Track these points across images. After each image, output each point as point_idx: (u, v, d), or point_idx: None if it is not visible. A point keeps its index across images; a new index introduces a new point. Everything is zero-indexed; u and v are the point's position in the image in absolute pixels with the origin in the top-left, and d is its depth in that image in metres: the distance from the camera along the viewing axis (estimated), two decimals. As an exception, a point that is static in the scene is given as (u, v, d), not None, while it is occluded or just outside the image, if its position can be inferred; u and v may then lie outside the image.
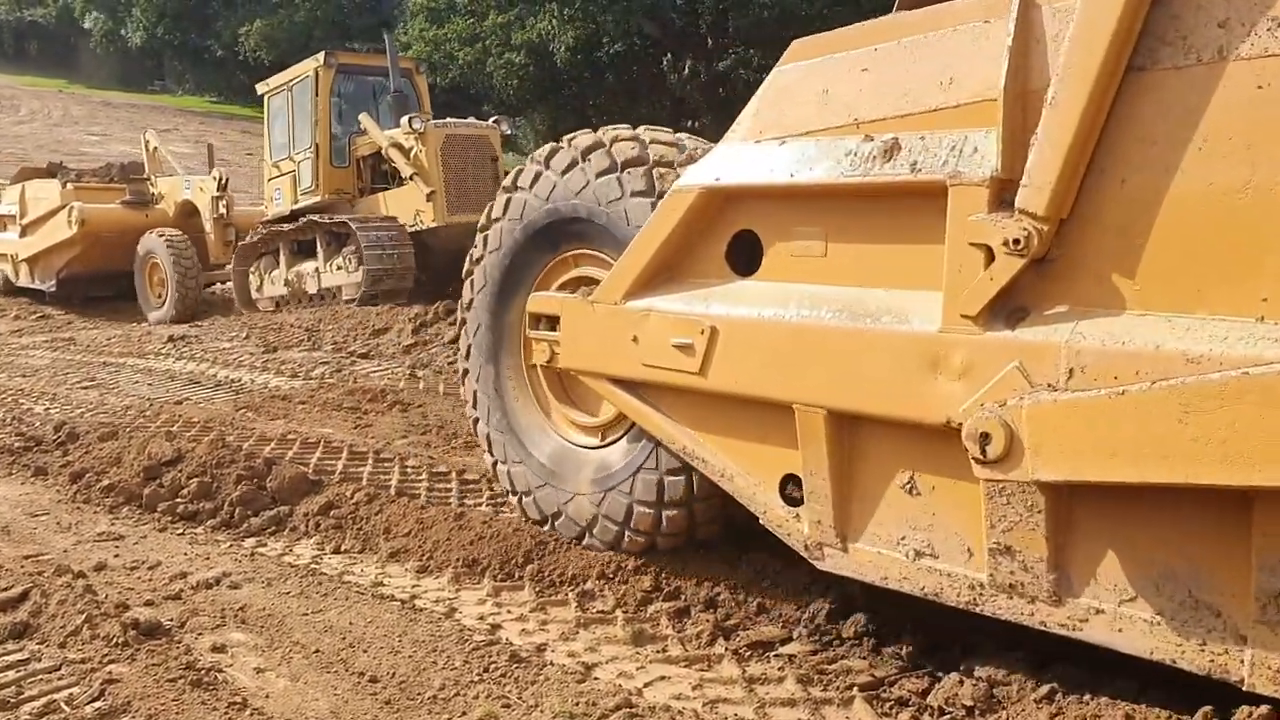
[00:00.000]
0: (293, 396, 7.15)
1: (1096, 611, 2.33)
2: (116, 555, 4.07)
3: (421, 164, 12.43)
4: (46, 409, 7.25)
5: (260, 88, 14.84)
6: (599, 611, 3.41)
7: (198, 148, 22.95)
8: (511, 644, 3.15)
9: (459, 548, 3.91)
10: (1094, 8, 2.23)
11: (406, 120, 12.49)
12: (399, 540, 4.09)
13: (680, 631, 3.24)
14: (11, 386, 8.44)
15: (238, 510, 4.53)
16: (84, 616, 3.27)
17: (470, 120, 13.87)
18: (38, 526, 4.51)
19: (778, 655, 3.05)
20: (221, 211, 15.04)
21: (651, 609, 3.39)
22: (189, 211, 15.57)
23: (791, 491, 2.98)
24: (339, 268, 12.44)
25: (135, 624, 3.21)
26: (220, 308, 14.85)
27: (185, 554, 4.11)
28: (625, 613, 3.37)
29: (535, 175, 3.89)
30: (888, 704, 2.74)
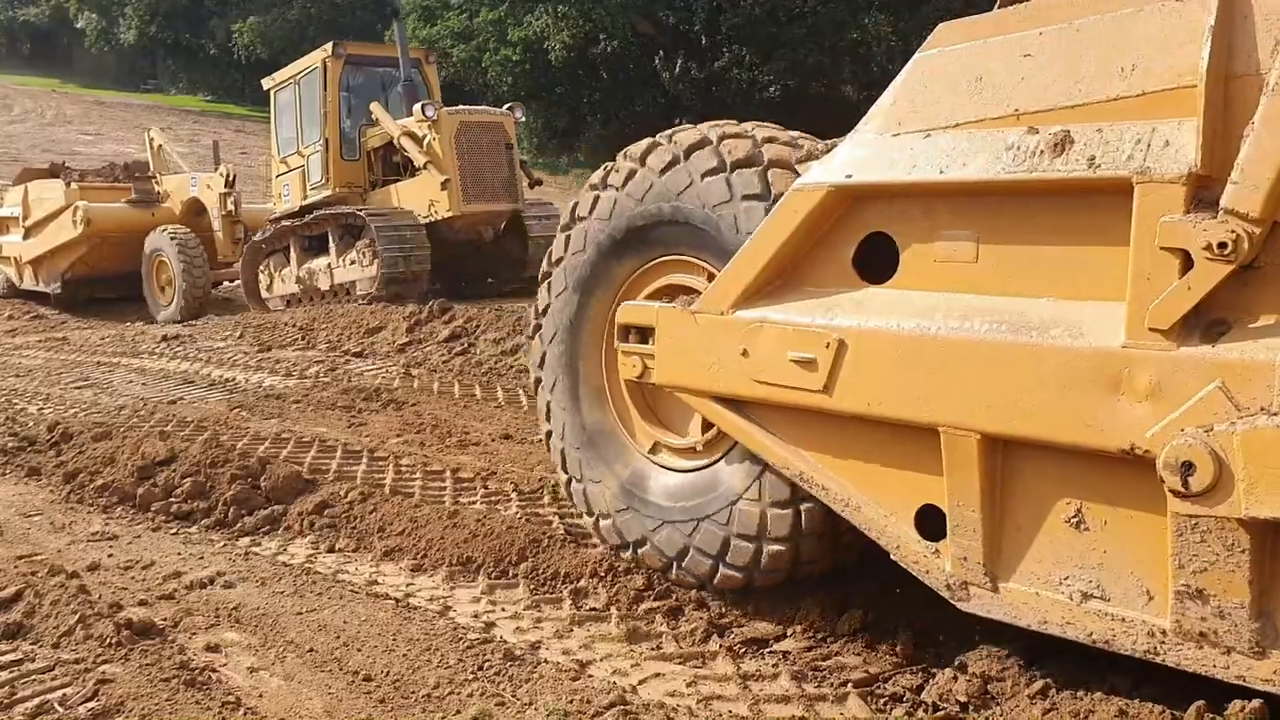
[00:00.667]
0: (287, 395, 7.14)
1: None
2: (110, 555, 4.07)
3: (435, 152, 12.17)
4: (40, 409, 7.23)
5: (266, 82, 14.55)
6: (593, 609, 3.41)
7: (192, 146, 22.93)
8: (506, 642, 3.15)
9: (453, 546, 3.91)
10: None
11: (419, 108, 12.27)
12: (393, 539, 4.09)
13: (674, 629, 3.24)
14: (5, 386, 8.42)
15: (232, 510, 4.52)
16: (77, 616, 3.27)
17: (484, 107, 13.60)
18: (31, 527, 4.50)
19: (772, 652, 3.06)
20: (230, 208, 14.78)
21: (645, 606, 3.39)
22: (196, 209, 15.33)
23: (930, 524, 2.67)
24: (352, 262, 12.19)
25: (129, 624, 3.20)
26: (215, 306, 14.78)
27: (179, 554, 4.11)
28: (619, 610, 3.37)
29: (629, 173, 3.56)
30: (882, 700, 2.74)
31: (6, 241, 16.88)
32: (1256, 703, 2.16)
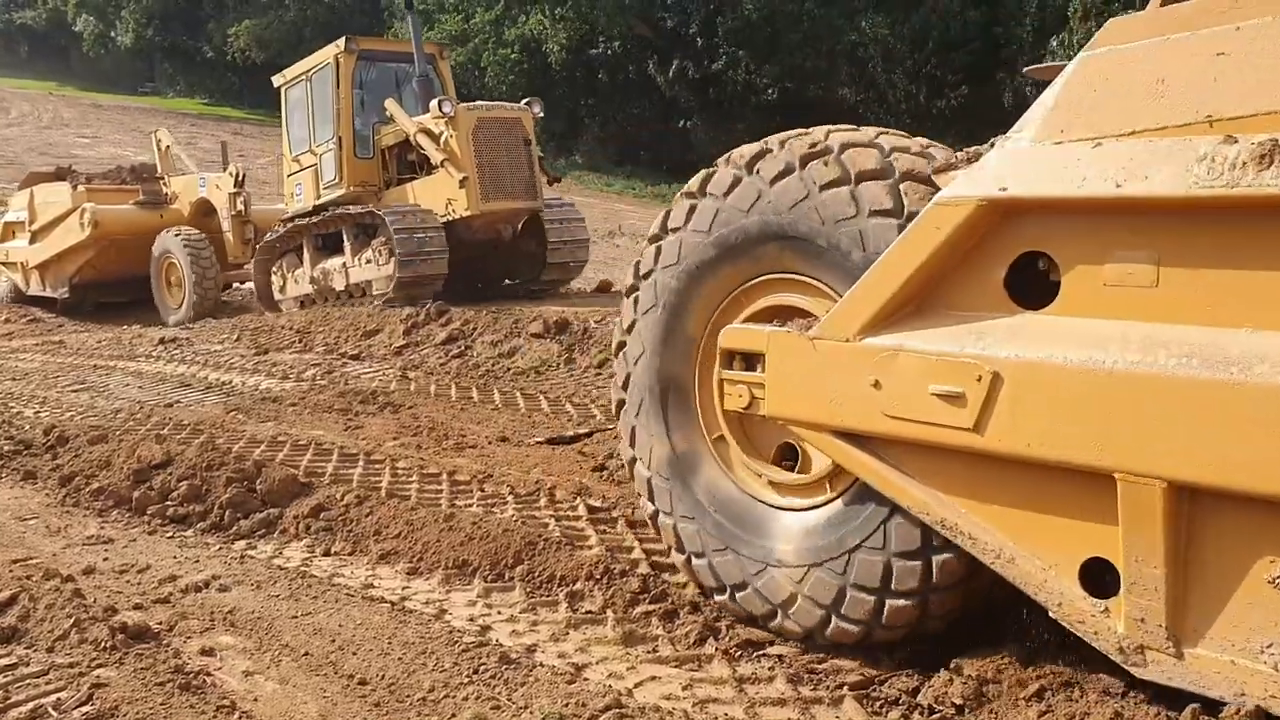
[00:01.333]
0: (283, 399, 7.14)
1: None
2: (105, 559, 4.06)
3: (453, 150, 11.75)
4: (36, 412, 7.22)
5: (276, 79, 14.12)
6: (589, 612, 3.41)
7: (190, 149, 22.77)
8: (501, 645, 3.15)
9: (449, 549, 3.90)
10: None
11: (436, 104, 11.86)
12: (389, 542, 4.08)
13: (670, 632, 3.23)
14: (1, 390, 8.41)
15: (227, 513, 4.52)
16: (72, 620, 3.26)
17: (501, 103, 13.22)
18: (26, 530, 4.49)
19: (767, 655, 3.06)
20: (239, 208, 14.47)
21: (641, 609, 3.39)
22: (205, 210, 15.06)
23: (1097, 579, 2.42)
24: (368, 261, 11.87)
25: (124, 628, 3.20)
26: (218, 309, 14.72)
27: (175, 557, 4.10)
28: (615, 613, 3.37)
29: (733, 181, 3.22)
30: (878, 703, 2.74)
31: (12, 247, 16.62)
32: (1251, 705, 2.16)
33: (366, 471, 5.13)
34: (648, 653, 3.11)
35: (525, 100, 12.86)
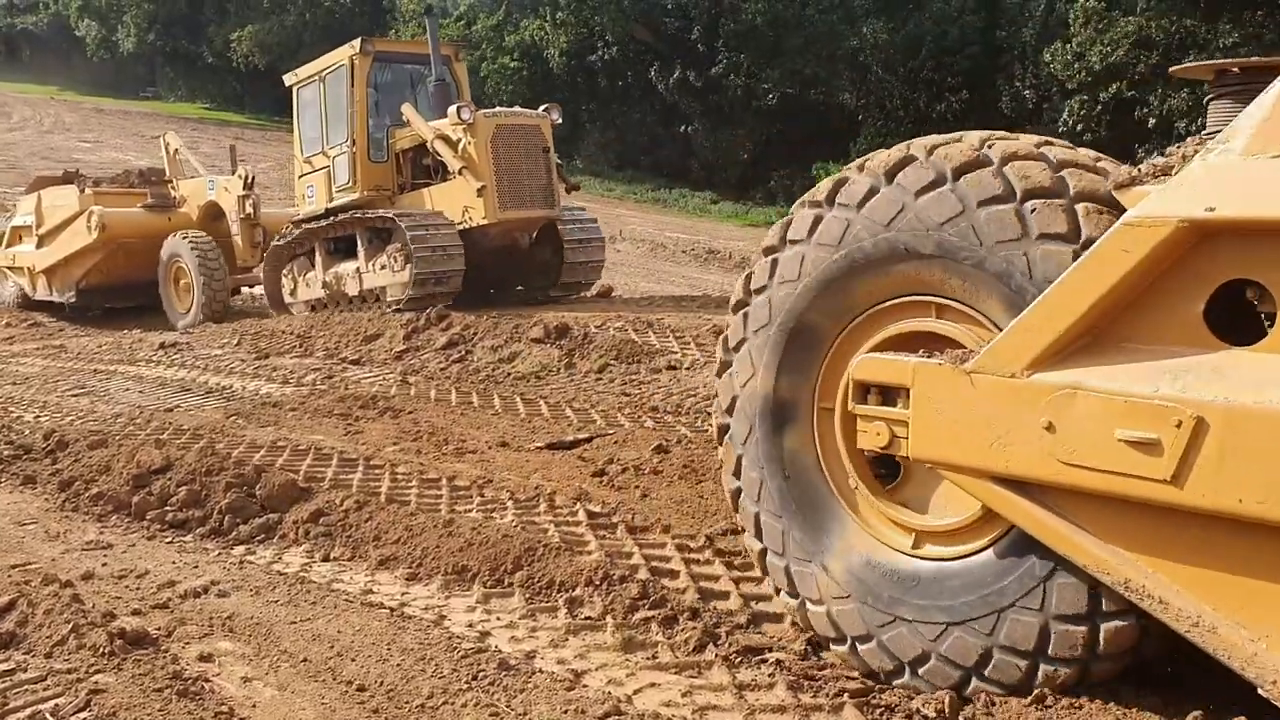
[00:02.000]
0: (283, 403, 7.13)
1: None
2: (104, 564, 4.05)
3: (471, 157, 11.51)
4: (36, 417, 7.22)
5: (288, 78, 13.88)
6: (588, 618, 3.40)
7: (192, 154, 22.75)
8: (500, 651, 3.14)
9: (448, 555, 3.90)
10: None
11: (454, 110, 11.60)
12: (388, 548, 4.07)
13: (670, 638, 3.22)
14: (1, 394, 8.40)
15: (227, 518, 4.51)
16: (70, 626, 3.25)
17: (520, 109, 13.01)
18: (25, 535, 4.48)
19: (767, 661, 3.04)
20: (249, 211, 14.29)
21: (640, 616, 3.38)
22: (214, 214, 14.91)
23: None
24: (383, 267, 11.64)
25: (122, 633, 3.19)
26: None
27: (174, 562, 4.09)
28: (615, 619, 3.36)
29: (868, 190, 2.89)
30: (877, 710, 2.73)
31: (19, 251, 16.43)
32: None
33: (366, 477, 5.12)
34: (647, 659, 3.10)
35: (544, 106, 12.62)
